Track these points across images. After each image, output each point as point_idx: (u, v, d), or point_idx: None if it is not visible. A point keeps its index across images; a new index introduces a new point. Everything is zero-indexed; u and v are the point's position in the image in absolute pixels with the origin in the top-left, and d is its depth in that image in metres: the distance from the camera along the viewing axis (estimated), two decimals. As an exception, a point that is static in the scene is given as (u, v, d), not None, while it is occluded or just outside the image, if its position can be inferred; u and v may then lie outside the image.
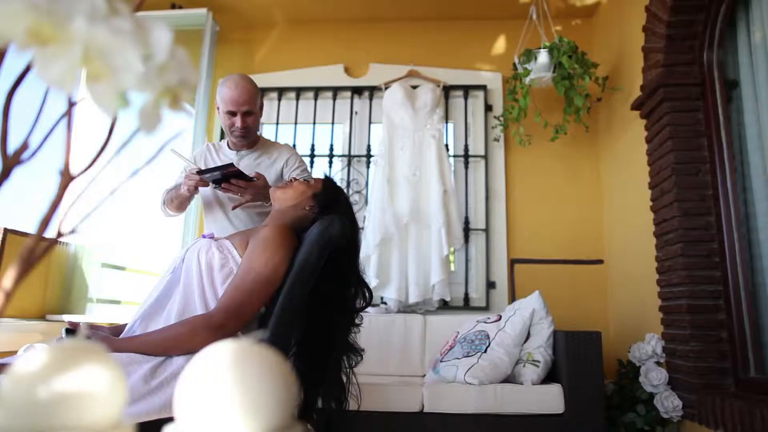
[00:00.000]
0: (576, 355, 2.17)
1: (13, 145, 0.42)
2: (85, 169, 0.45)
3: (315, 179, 1.61)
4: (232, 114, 1.95)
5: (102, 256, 3.14)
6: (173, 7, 3.35)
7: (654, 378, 2.30)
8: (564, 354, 2.20)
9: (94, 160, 0.45)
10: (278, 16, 3.61)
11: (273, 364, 0.38)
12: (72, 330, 1.21)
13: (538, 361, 2.25)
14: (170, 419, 0.36)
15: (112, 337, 1.19)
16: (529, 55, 2.86)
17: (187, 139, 3.28)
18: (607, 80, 2.98)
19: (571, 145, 3.27)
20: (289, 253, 1.33)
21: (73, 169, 0.44)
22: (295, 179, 1.58)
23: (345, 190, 3.25)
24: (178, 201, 1.98)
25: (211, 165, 2.04)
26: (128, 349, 1.13)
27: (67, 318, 2.72)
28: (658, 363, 2.38)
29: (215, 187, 1.85)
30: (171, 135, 0.52)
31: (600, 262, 3.17)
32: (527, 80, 2.87)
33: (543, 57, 2.83)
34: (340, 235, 1.34)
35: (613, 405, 2.42)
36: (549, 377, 2.30)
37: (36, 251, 0.42)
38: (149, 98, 0.41)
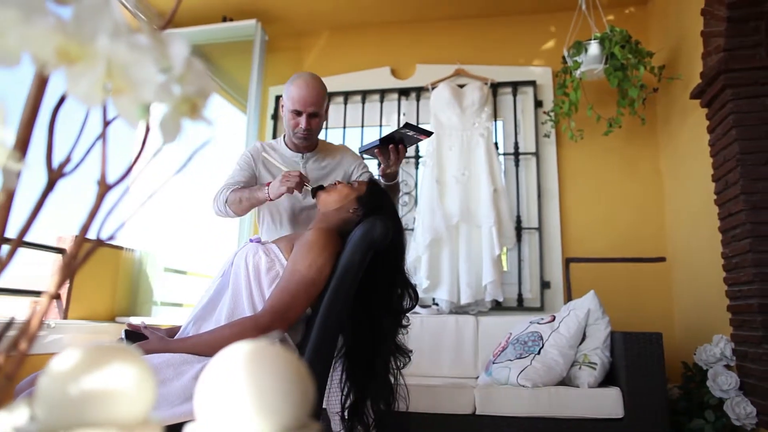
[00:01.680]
0: (635, 358, 2.08)
1: (57, 159, 0.45)
2: (121, 179, 0.47)
3: (359, 182, 1.63)
4: (298, 113, 1.85)
5: (165, 261, 3.30)
6: (224, 19, 3.48)
7: (723, 382, 2.17)
8: (622, 356, 2.11)
9: (129, 170, 0.48)
10: (325, 23, 3.67)
11: (288, 365, 0.38)
12: (131, 332, 1.28)
13: (595, 363, 2.17)
14: None
15: (167, 338, 1.25)
16: (579, 47, 2.77)
17: (239, 145, 3.38)
18: (663, 69, 2.84)
19: (626, 138, 3.13)
20: (332, 255, 1.35)
21: (110, 179, 0.46)
22: (339, 182, 1.61)
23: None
24: (249, 203, 1.80)
25: (270, 164, 1.95)
26: (181, 350, 1.18)
27: (134, 320, 2.87)
28: (727, 366, 2.24)
29: (365, 150, 1.86)
30: (200, 144, 0.54)
31: (662, 259, 3.02)
32: (578, 73, 2.78)
33: (594, 48, 2.73)
34: (383, 237, 1.35)
35: (679, 410, 2.29)
36: (607, 380, 2.21)
37: (77, 258, 0.45)
38: (169, 109, 0.42)
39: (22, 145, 0.43)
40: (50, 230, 2.77)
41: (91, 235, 0.47)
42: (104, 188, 0.46)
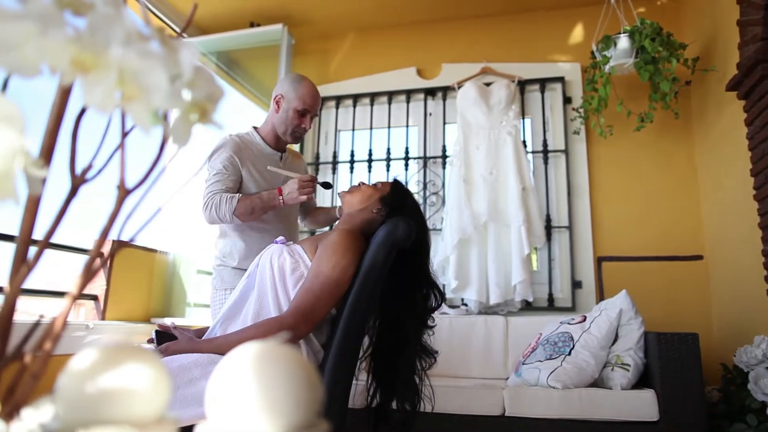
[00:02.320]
0: (671, 359, 2.02)
1: (80, 165, 0.47)
2: (139, 184, 0.49)
3: (383, 182, 1.63)
4: (303, 114, 1.93)
5: (197, 263, 3.37)
6: (252, 25, 3.53)
7: (766, 385, 2.08)
8: (657, 357, 2.05)
9: (147, 175, 0.49)
10: (351, 25, 3.69)
11: (295, 365, 0.39)
12: (161, 332, 1.31)
13: (628, 365, 2.12)
14: None
15: (195, 339, 1.28)
16: (608, 41, 2.71)
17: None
18: (697, 61, 2.75)
19: (659, 133, 3.05)
20: (356, 256, 1.35)
21: (129, 184, 0.47)
22: (363, 183, 1.61)
23: (422, 192, 3.28)
24: (262, 212, 1.82)
25: (256, 159, 1.95)
26: (209, 350, 1.21)
27: (166, 321, 2.94)
28: (769, 368, 2.15)
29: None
30: (213, 149, 0.55)
31: (699, 257, 2.92)
32: (607, 68, 2.71)
33: (623, 42, 2.66)
34: (406, 237, 1.35)
35: (718, 414, 2.22)
36: (641, 382, 2.16)
37: (98, 260, 0.46)
38: (179, 114, 0.43)
39: (47, 152, 0.45)
40: (93, 235, 2.88)
41: (113, 237, 0.49)
42: (123, 192, 0.48)
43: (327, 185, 1.87)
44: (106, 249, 2.95)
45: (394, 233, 1.34)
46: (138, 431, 0.37)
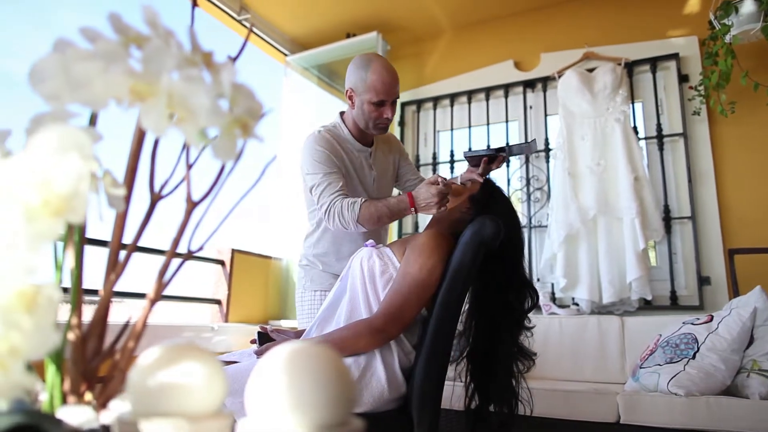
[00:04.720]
0: (821, 364, 1.75)
1: (158, 183, 0.52)
2: (204, 197, 0.53)
3: (472, 181, 1.61)
4: (382, 104, 1.70)
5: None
6: (348, 36, 3.65)
7: None
8: (803, 362, 1.79)
9: (211, 189, 0.53)
10: (445, 24, 3.67)
11: (327, 365, 0.40)
12: (263, 333, 1.41)
13: None
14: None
15: (292, 340, 1.35)
16: (728, 7, 2.43)
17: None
18: None
19: (799, 105, 2.66)
20: (443, 257, 1.34)
21: (195, 197, 0.52)
22: (453, 182, 1.60)
23: (525, 188, 3.18)
24: (389, 220, 1.67)
25: (346, 152, 1.80)
26: (305, 350, 1.27)
27: (284, 323, 3.14)
28: None
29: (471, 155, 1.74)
30: (269, 161, 0.58)
31: None
32: (728, 38, 2.43)
33: (747, 6, 2.37)
34: (494, 236, 1.31)
35: None
36: (786, 391, 1.90)
37: (169, 268, 0.51)
38: (221, 130, 0.47)
39: (131, 173, 0.50)
40: (225, 244, 3.19)
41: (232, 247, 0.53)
42: (191, 205, 0.52)
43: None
44: (227, 257, 3.22)
45: (481, 232, 1.31)
46: (192, 424, 0.41)
